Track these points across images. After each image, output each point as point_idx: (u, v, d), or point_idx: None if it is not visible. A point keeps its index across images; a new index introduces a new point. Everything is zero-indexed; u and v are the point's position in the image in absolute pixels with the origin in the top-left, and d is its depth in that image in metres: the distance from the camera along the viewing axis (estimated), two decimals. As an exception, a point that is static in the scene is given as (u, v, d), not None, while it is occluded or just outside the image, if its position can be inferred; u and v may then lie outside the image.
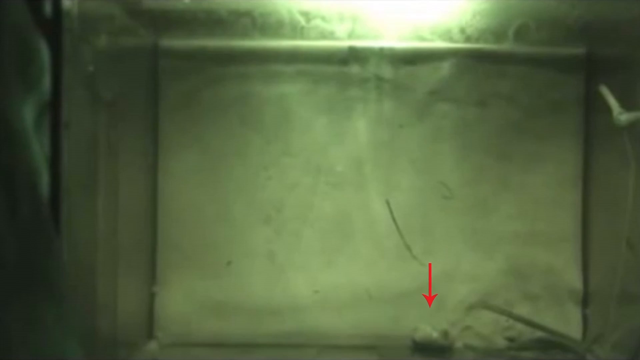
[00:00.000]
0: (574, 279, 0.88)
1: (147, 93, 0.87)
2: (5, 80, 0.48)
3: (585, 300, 0.88)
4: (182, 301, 0.88)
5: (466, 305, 0.87)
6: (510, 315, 0.86)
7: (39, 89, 0.54)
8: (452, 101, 0.88)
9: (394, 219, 0.87)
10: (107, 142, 0.70)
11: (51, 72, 0.56)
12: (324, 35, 0.83)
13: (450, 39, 0.83)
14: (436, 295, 0.87)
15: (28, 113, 0.51)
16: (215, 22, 0.80)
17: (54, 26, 0.58)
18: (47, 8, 0.57)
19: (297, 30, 0.81)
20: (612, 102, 0.77)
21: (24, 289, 0.48)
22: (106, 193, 0.70)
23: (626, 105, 0.76)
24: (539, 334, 0.85)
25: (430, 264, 0.87)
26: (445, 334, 0.85)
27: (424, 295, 0.87)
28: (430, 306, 0.87)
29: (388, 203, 0.87)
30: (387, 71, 0.87)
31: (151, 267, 0.88)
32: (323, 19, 0.81)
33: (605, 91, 0.79)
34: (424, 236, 0.88)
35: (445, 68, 0.88)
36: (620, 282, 0.76)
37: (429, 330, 0.85)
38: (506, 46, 0.85)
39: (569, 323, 0.87)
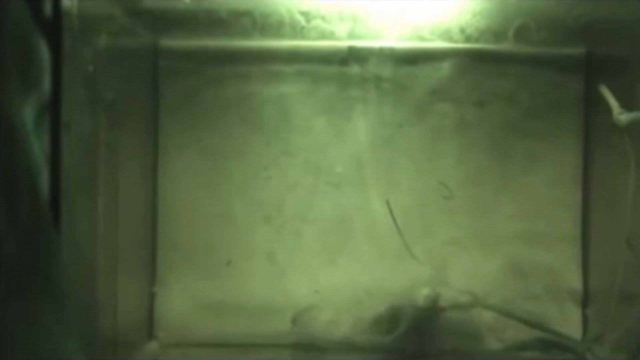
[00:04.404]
0: (574, 279, 0.88)
1: (147, 93, 0.86)
2: (5, 80, 0.48)
3: (585, 300, 0.88)
4: (182, 301, 0.88)
5: (466, 305, 0.87)
6: (510, 315, 0.86)
7: (39, 89, 0.54)
8: (452, 101, 0.88)
9: (394, 219, 0.87)
10: (107, 142, 0.70)
11: (51, 72, 0.56)
12: (324, 35, 0.82)
13: (450, 39, 0.83)
14: (436, 295, 0.87)
15: (28, 113, 0.51)
16: (215, 22, 0.80)
17: (54, 26, 0.58)
18: (47, 8, 0.57)
19: (297, 30, 0.81)
20: (612, 102, 0.77)
21: (24, 289, 0.48)
22: (106, 193, 0.70)
23: (626, 105, 0.76)
24: (539, 334, 0.85)
25: (429, 264, 0.87)
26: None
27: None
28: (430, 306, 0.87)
29: (388, 203, 0.87)
30: (387, 71, 0.87)
31: (151, 267, 0.88)
32: (323, 19, 0.81)
33: (605, 91, 0.79)
34: (424, 236, 0.88)
35: (445, 68, 0.87)
36: (620, 282, 0.76)
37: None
38: (506, 46, 0.85)
39: (569, 323, 0.87)
